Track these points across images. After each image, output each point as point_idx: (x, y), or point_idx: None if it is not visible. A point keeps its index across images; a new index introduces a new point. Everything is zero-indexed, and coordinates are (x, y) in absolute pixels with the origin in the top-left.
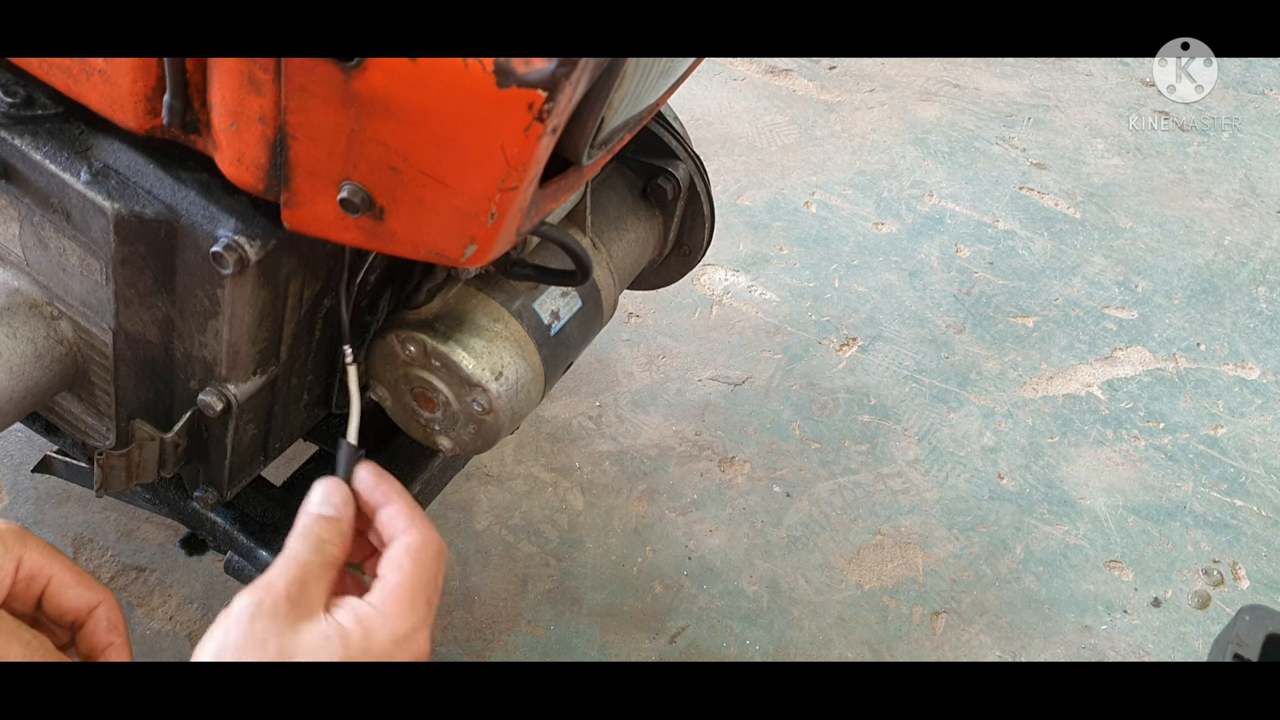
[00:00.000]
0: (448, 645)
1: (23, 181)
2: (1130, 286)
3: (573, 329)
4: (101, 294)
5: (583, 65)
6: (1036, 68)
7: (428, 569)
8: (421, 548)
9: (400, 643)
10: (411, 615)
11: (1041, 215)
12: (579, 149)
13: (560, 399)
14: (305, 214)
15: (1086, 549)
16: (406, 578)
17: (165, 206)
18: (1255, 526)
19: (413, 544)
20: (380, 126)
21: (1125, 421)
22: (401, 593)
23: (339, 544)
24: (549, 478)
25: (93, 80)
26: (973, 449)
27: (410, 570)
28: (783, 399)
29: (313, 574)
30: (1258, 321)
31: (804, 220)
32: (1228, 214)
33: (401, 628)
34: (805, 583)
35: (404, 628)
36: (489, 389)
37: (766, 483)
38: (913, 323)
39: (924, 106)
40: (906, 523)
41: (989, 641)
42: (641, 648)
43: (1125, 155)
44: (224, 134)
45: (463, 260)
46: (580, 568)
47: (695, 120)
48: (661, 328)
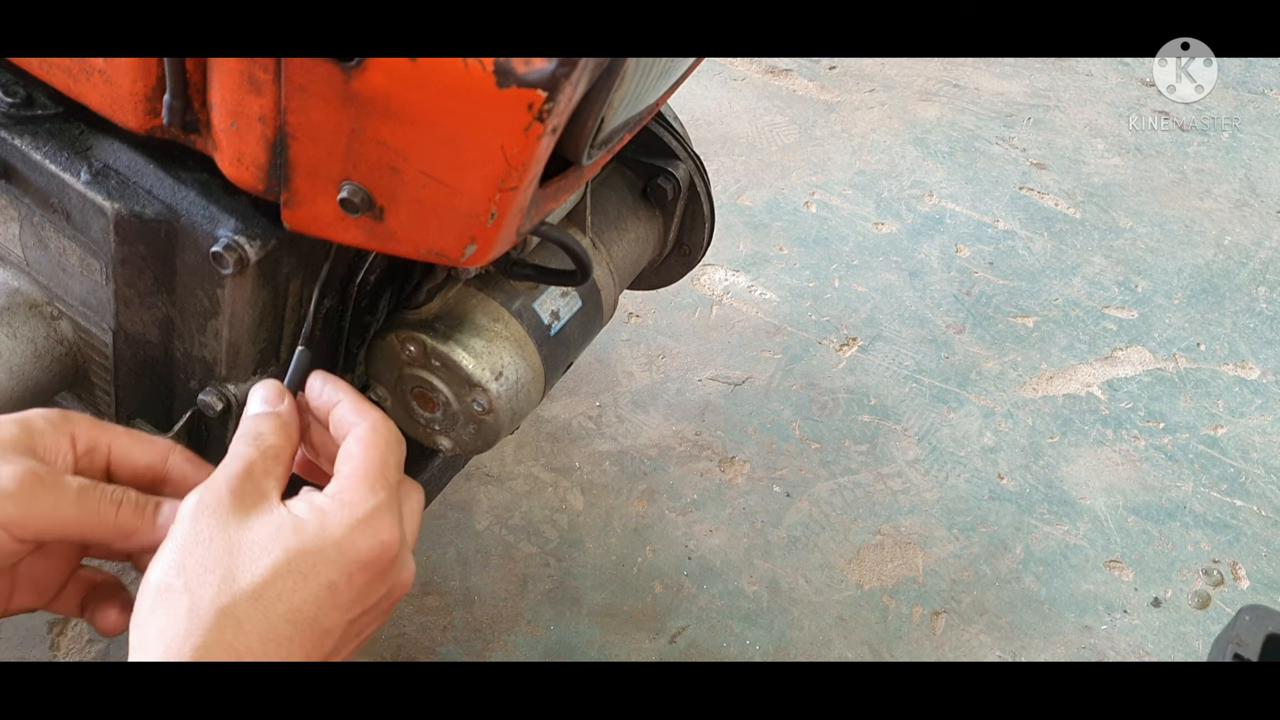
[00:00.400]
0: (448, 645)
1: (23, 181)
2: (1130, 286)
3: (573, 329)
4: (101, 294)
5: (583, 65)
6: (1036, 68)
7: (380, 450)
8: (369, 434)
9: (360, 527)
10: (370, 497)
11: (1041, 215)
12: (579, 149)
13: (560, 399)
14: (305, 214)
15: (1086, 549)
16: (359, 463)
17: (165, 206)
18: (1255, 526)
19: (362, 433)
20: (380, 126)
21: (1125, 421)
22: (355, 478)
23: (280, 434)
24: (549, 478)
25: (93, 80)
26: (973, 449)
27: (361, 456)
28: (783, 399)
29: (256, 467)
30: (1258, 321)
31: (804, 220)
32: (1228, 214)
33: (359, 511)
34: (805, 583)
35: (362, 511)
36: (489, 389)
37: (766, 483)
38: (913, 323)
39: (924, 106)
40: (906, 523)
41: (989, 641)
42: (641, 648)
43: (1125, 155)
44: (224, 134)
45: (463, 260)
46: (580, 568)
47: (695, 120)
48: (661, 328)
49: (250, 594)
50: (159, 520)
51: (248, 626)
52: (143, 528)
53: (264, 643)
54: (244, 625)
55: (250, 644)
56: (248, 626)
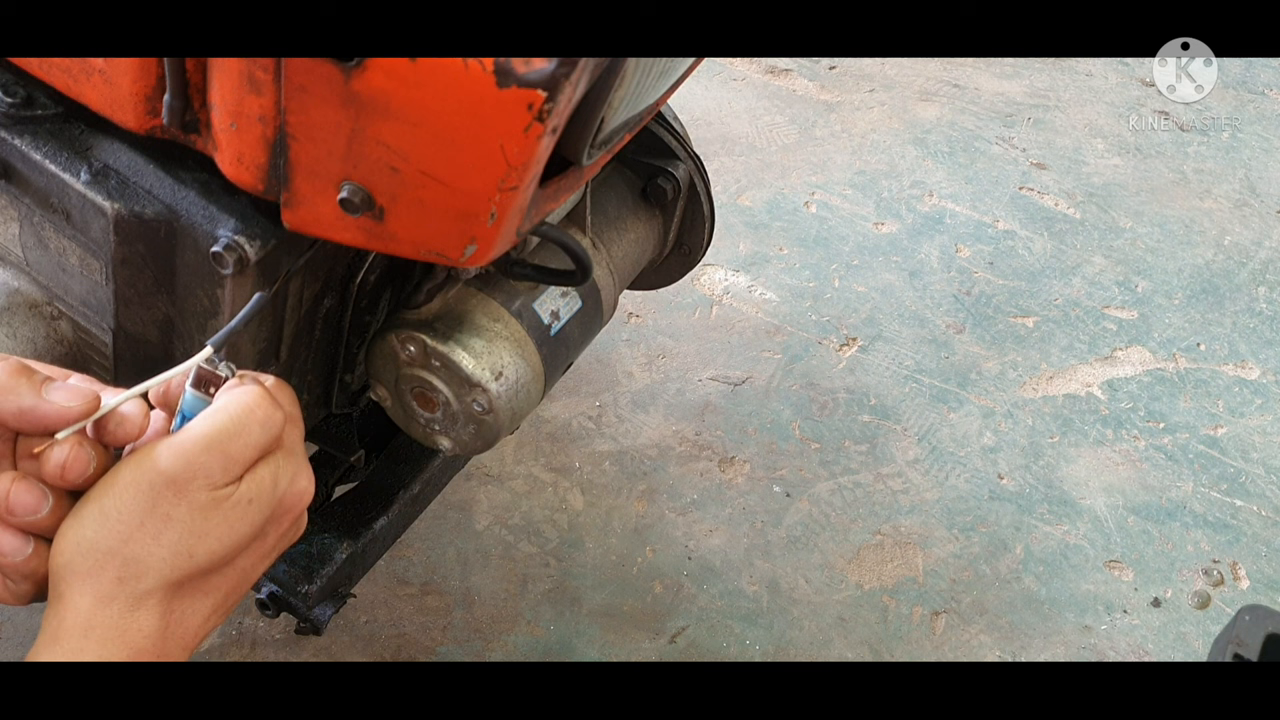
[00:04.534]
0: (448, 645)
1: (23, 181)
2: (1130, 286)
3: (573, 329)
4: (101, 294)
5: (583, 65)
6: (1036, 68)
7: None
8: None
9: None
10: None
11: (1041, 215)
12: (579, 149)
13: (560, 399)
14: (305, 214)
15: (1086, 549)
16: None
17: (165, 206)
18: (1255, 526)
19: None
20: (380, 126)
21: (1125, 421)
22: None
23: None
24: (549, 478)
25: (93, 80)
26: (973, 449)
27: None
28: (783, 399)
29: None
30: (1258, 321)
31: (804, 220)
32: (1228, 214)
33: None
34: (805, 583)
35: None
36: (489, 389)
37: (766, 483)
38: (913, 323)
39: (924, 106)
40: (906, 523)
41: (989, 641)
42: (641, 648)
43: (1125, 155)
44: (224, 134)
45: (463, 260)
46: (580, 568)
47: (695, 120)
48: (661, 328)
49: None
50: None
51: None
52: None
53: None
54: None
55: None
56: None
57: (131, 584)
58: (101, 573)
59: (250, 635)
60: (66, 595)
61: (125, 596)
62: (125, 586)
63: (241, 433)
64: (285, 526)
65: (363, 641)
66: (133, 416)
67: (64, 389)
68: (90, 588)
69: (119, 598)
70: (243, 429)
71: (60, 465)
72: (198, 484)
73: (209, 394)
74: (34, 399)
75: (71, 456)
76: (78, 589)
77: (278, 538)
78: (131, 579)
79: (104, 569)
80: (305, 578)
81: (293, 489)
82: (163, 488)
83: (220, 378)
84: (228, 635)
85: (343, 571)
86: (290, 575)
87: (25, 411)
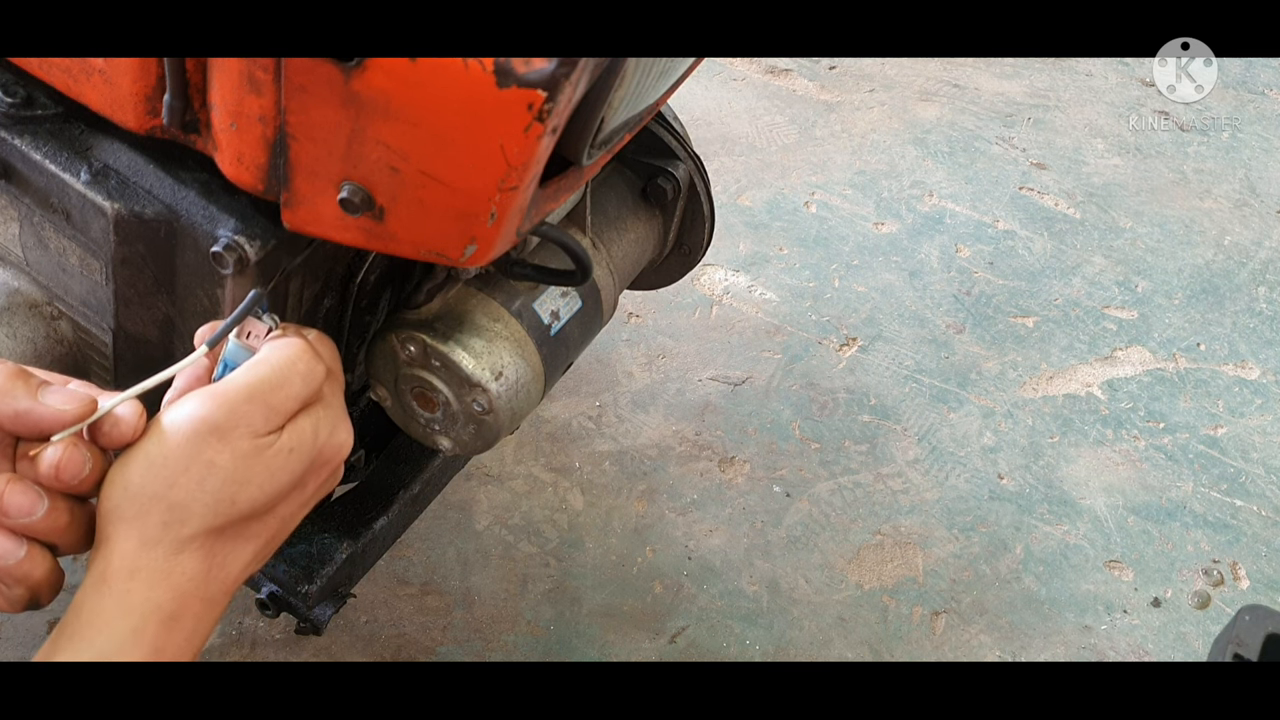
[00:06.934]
0: (448, 645)
1: (23, 181)
2: (1130, 286)
3: (573, 329)
4: (101, 294)
5: (583, 65)
6: (1036, 68)
7: None
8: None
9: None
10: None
11: (1041, 215)
12: (579, 149)
13: (560, 399)
14: (305, 214)
15: (1086, 549)
16: None
17: (165, 206)
18: (1255, 526)
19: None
20: (380, 126)
21: (1125, 421)
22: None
23: None
24: (549, 478)
25: (93, 80)
26: (973, 449)
27: None
28: (783, 399)
29: None
30: (1258, 321)
31: (804, 220)
32: (1228, 214)
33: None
34: (805, 583)
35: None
36: (489, 389)
37: (766, 483)
38: (913, 323)
39: (924, 106)
40: (906, 523)
41: (989, 641)
42: (641, 648)
43: (1125, 155)
44: (224, 134)
45: (463, 260)
46: (580, 568)
47: (695, 120)
48: (661, 328)
49: None
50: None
51: None
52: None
53: None
54: None
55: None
56: None
57: (176, 528)
58: (147, 517)
59: (250, 635)
60: (113, 538)
61: (170, 540)
62: (170, 531)
63: (284, 384)
64: (324, 477)
65: (363, 641)
66: (127, 418)
67: (60, 392)
68: (136, 531)
69: (164, 541)
70: (285, 380)
71: (54, 466)
72: (240, 432)
73: (253, 345)
74: (30, 402)
75: (65, 458)
76: (123, 532)
77: (316, 487)
78: (176, 523)
79: (149, 513)
80: (305, 578)
81: (332, 441)
82: (207, 434)
83: (265, 328)
84: (228, 635)
85: (343, 571)
86: (290, 575)
87: (22, 415)
